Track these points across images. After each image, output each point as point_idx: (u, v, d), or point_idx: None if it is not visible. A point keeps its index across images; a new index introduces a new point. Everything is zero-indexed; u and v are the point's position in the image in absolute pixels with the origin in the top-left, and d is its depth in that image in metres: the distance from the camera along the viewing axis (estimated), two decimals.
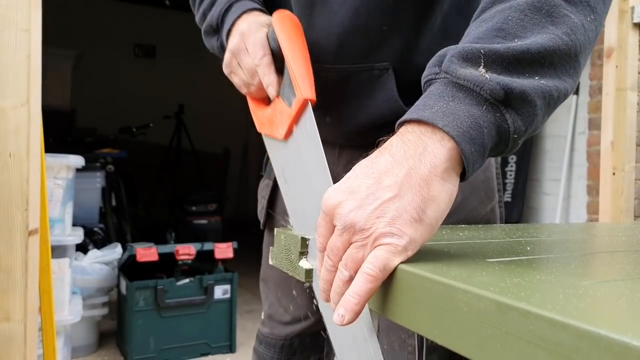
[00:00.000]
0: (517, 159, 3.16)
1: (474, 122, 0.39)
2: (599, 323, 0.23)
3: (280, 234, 0.54)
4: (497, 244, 0.50)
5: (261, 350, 0.91)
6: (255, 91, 0.68)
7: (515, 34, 0.42)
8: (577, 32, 0.43)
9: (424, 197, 0.38)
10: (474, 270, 0.35)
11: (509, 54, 0.40)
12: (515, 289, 0.30)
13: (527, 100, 0.40)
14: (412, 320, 0.35)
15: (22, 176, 1.22)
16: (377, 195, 0.38)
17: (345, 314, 0.38)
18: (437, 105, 0.40)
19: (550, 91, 0.41)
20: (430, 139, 0.39)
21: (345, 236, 0.39)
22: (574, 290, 0.30)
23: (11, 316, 1.22)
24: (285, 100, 0.63)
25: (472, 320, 0.30)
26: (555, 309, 0.26)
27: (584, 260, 0.42)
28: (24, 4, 1.18)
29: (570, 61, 0.43)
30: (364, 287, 0.37)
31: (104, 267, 2.18)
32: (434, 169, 0.38)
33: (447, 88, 0.41)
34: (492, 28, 0.43)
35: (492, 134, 0.40)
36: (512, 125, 0.40)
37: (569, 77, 0.43)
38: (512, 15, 0.43)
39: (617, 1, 1.92)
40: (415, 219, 0.38)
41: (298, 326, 0.88)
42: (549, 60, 0.41)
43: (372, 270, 0.37)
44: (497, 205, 0.77)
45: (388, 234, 0.37)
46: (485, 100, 0.39)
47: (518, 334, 0.27)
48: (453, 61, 0.41)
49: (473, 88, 0.40)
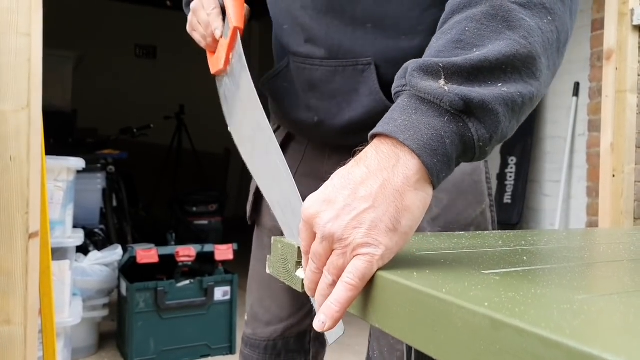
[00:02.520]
0: (517, 160, 3.16)
1: (435, 133, 0.40)
2: (592, 342, 0.24)
3: (278, 243, 0.54)
4: (494, 253, 0.50)
5: (247, 352, 0.91)
6: (211, 42, 0.82)
7: (473, 43, 0.43)
8: (534, 34, 0.44)
9: (398, 207, 0.40)
10: (470, 283, 0.35)
11: (468, 64, 0.42)
12: (510, 304, 0.30)
13: (487, 109, 0.41)
14: (408, 334, 0.35)
15: (23, 179, 1.22)
16: (354, 206, 0.40)
17: (327, 321, 0.40)
18: (400, 118, 0.42)
19: (513, 97, 0.42)
20: (402, 151, 0.41)
21: (326, 244, 0.41)
22: (568, 305, 0.30)
23: (11, 319, 1.22)
24: (225, 37, 0.79)
25: (467, 336, 0.30)
26: (549, 326, 0.26)
27: (580, 272, 0.42)
28: (25, 8, 1.19)
29: (533, 63, 0.44)
30: (344, 296, 0.39)
31: (104, 268, 2.18)
32: (406, 181, 0.40)
33: (411, 101, 0.42)
34: (451, 40, 0.44)
35: (456, 143, 0.41)
36: (476, 133, 0.41)
37: (535, 80, 0.44)
38: (469, 25, 0.44)
39: (617, 4, 1.92)
40: (390, 228, 0.39)
41: (280, 326, 0.88)
42: (511, 65, 0.42)
43: (351, 280, 0.39)
44: (487, 209, 0.78)
45: (365, 244, 0.39)
46: (447, 112, 0.41)
47: (512, 352, 0.27)
48: (414, 75, 0.43)
49: (433, 100, 0.41)
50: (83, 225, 2.40)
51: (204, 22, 0.81)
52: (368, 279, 0.40)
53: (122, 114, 4.73)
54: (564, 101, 2.98)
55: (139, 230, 3.46)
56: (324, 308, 0.40)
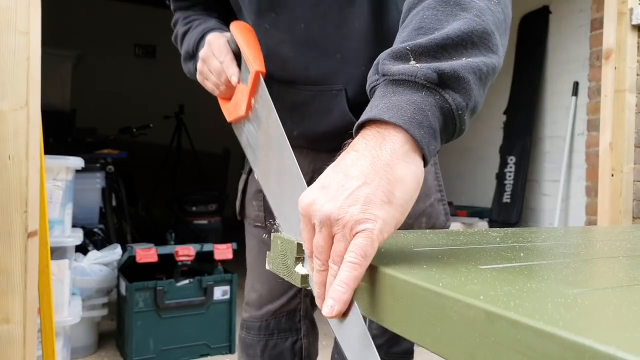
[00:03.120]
0: (516, 160, 3.17)
1: (417, 107, 0.43)
2: (584, 333, 0.24)
3: (277, 239, 0.54)
4: (491, 249, 0.50)
5: (243, 335, 0.97)
6: (224, 90, 0.81)
7: (434, 27, 0.47)
8: (485, 13, 0.49)
9: (390, 179, 0.41)
10: (466, 278, 0.36)
11: (433, 43, 0.46)
12: (505, 297, 0.30)
13: (459, 77, 0.44)
14: (404, 328, 0.35)
15: (21, 178, 1.22)
16: (347, 186, 0.41)
17: (335, 304, 0.40)
18: (381, 103, 0.44)
19: (479, 66, 0.46)
20: (387, 130, 0.43)
21: (325, 231, 0.41)
22: (563, 299, 0.31)
23: (10, 318, 1.22)
24: (244, 82, 0.77)
25: (463, 329, 0.30)
26: (543, 318, 0.26)
27: (575, 268, 0.42)
28: (23, 6, 1.19)
29: (489, 38, 0.48)
30: (350, 275, 0.39)
31: (103, 268, 2.18)
32: (394, 153, 0.42)
33: (388, 87, 0.46)
34: (412, 29, 0.49)
35: (437, 114, 0.44)
36: (453, 102, 0.45)
37: (492, 53, 0.48)
38: (426, 14, 0.49)
39: (616, 3, 1.92)
40: (385, 201, 0.40)
41: (271, 307, 0.94)
42: (470, 41, 0.47)
43: (354, 258, 0.39)
44: (437, 202, 0.90)
45: (362, 220, 0.39)
46: (423, 87, 0.44)
47: (506, 344, 0.27)
48: (386, 63, 0.47)
49: (408, 79, 0.44)
50: (82, 224, 2.40)
51: (217, 70, 0.80)
52: (371, 255, 0.39)
53: (121, 113, 4.73)
54: (563, 101, 2.98)
55: (138, 229, 3.46)
56: (331, 292, 0.40)
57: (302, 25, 0.78)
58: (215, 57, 0.79)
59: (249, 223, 0.98)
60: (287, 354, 0.95)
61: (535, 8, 3.17)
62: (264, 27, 0.81)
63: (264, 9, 0.80)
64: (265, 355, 0.94)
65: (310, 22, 0.78)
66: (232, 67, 0.78)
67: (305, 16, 0.78)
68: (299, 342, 0.96)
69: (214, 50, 0.80)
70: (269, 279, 0.93)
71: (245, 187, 0.97)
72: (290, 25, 0.79)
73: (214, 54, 0.80)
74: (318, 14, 0.77)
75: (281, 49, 0.81)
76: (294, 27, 0.79)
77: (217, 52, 0.79)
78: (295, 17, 0.78)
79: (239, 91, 0.79)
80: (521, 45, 3.28)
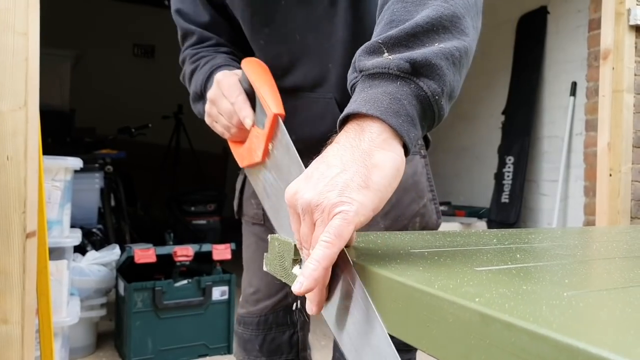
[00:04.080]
0: (515, 160, 3.17)
1: (392, 97, 0.45)
2: (578, 335, 0.24)
3: (274, 241, 0.54)
4: (488, 251, 0.50)
5: (240, 330, 0.98)
6: (236, 132, 0.76)
7: (404, 19, 0.49)
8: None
9: (367, 165, 0.42)
10: (462, 279, 0.36)
11: (403, 33, 0.47)
12: (500, 300, 0.30)
13: (432, 64, 0.46)
14: (401, 330, 0.36)
15: (20, 179, 1.22)
16: (326, 174, 0.42)
17: (304, 281, 0.40)
18: (359, 98, 0.46)
19: (451, 52, 0.47)
20: (365, 122, 0.45)
21: (308, 218, 0.42)
22: (557, 301, 0.31)
23: (9, 318, 1.22)
24: (260, 126, 0.70)
25: (458, 331, 0.30)
26: (537, 321, 0.26)
27: (571, 269, 0.42)
28: (22, 7, 1.19)
29: (459, 22, 0.49)
30: (321, 253, 0.40)
31: (102, 268, 2.18)
32: (372, 142, 0.43)
33: (365, 82, 0.47)
34: (384, 24, 0.50)
35: (413, 103, 0.45)
36: (428, 89, 0.46)
37: (465, 35, 0.50)
38: (396, 7, 0.51)
39: (614, 4, 1.93)
40: (362, 185, 0.41)
41: (270, 302, 0.95)
42: (441, 26, 0.48)
43: (328, 237, 0.40)
44: (429, 202, 0.89)
45: (339, 202, 0.41)
46: (397, 77, 0.45)
47: (501, 346, 0.27)
48: (361, 59, 0.48)
49: (382, 71, 0.46)
50: (81, 225, 2.40)
51: (227, 112, 0.74)
52: (347, 236, 0.40)
53: (120, 113, 4.73)
54: (561, 101, 2.99)
55: (137, 229, 3.45)
56: (303, 269, 0.41)
57: (298, 37, 0.80)
58: (225, 98, 0.74)
59: (247, 221, 0.98)
60: (284, 347, 0.96)
61: (533, 8, 3.18)
62: (260, 43, 0.82)
63: (258, 25, 0.81)
64: (263, 349, 0.95)
65: (305, 32, 0.79)
66: (246, 109, 0.72)
67: (300, 28, 0.79)
68: (295, 335, 0.98)
69: (223, 90, 0.74)
70: (266, 275, 0.94)
71: (243, 187, 0.98)
72: (285, 37, 0.80)
73: (224, 94, 0.74)
74: (311, 25, 0.79)
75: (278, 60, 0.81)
76: (289, 38, 0.80)
77: (227, 92, 0.73)
78: (290, 29, 0.79)
79: (254, 135, 0.71)
80: (519, 46, 3.28)
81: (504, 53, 3.33)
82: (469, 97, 3.40)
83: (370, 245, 0.52)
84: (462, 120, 3.56)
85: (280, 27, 0.80)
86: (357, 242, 0.51)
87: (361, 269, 0.41)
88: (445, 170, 3.75)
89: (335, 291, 0.43)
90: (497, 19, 3.32)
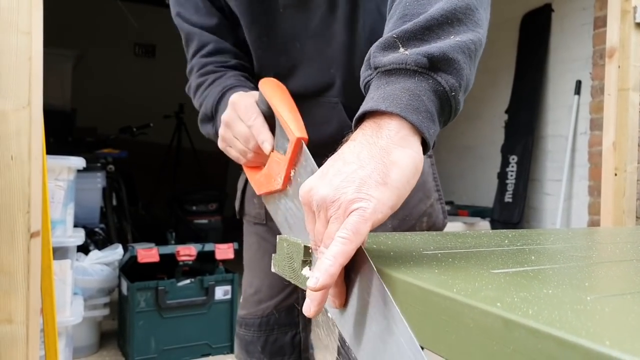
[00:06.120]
0: (518, 159, 3.16)
1: (412, 94, 0.44)
2: (610, 344, 0.23)
3: (283, 242, 0.53)
4: (501, 252, 0.49)
5: (242, 332, 0.96)
6: (252, 157, 0.71)
7: (417, 13, 0.48)
8: None
9: (385, 162, 0.41)
10: (480, 283, 0.35)
11: (418, 27, 0.46)
12: (523, 304, 0.30)
13: (449, 58, 0.45)
14: (418, 334, 0.35)
15: (24, 178, 1.21)
16: (343, 171, 0.41)
17: (320, 276, 0.38)
18: (376, 95, 0.45)
19: (467, 45, 0.47)
20: (382, 120, 0.44)
21: (323, 215, 0.41)
22: (581, 305, 0.30)
23: (13, 318, 1.22)
24: (280, 151, 0.66)
25: (479, 337, 0.29)
26: (565, 327, 0.26)
27: (589, 272, 0.41)
28: (25, 7, 1.18)
29: (473, 13, 0.49)
30: (338, 249, 0.39)
31: (105, 267, 2.18)
32: (390, 139, 0.42)
33: (381, 78, 0.46)
34: (397, 18, 0.49)
35: (432, 98, 0.45)
36: (446, 84, 0.45)
37: (479, 27, 0.49)
38: (408, 1, 0.50)
39: (620, 1, 1.91)
40: (380, 182, 0.40)
41: (271, 302, 0.94)
42: (456, 18, 0.47)
43: (345, 233, 0.39)
44: (435, 202, 0.89)
45: (356, 199, 0.40)
46: (415, 72, 0.45)
47: (526, 352, 0.26)
48: (376, 56, 0.47)
49: (400, 67, 0.45)
50: (83, 224, 2.40)
51: (244, 136, 0.69)
52: (364, 233, 0.39)
53: (121, 113, 4.73)
54: (566, 99, 2.97)
55: (139, 229, 3.45)
56: (318, 264, 0.39)
57: (298, 45, 0.79)
58: (241, 121, 0.69)
59: (249, 221, 0.97)
60: (287, 348, 0.96)
61: (537, 6, 3.16)
62: (259, 51, 0.82)
63: (257, 33, 0.80)
64: (265, 350, 0.94)
65: (304, 40, 0.79)
66: (264, 132, 0.67)
67: (299, 36, 0.78)
68: (297, 336, 0.97)
69: (240, 112, 0.69)
70: (267, 275, 0.93)
71: (245, 186, 0.97)
72: (285, 45, 0.80)
73: (241, 117, 0.69)
74: (310, 33, 0.78)
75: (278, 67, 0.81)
76: (289, 46, 0.79)
77: (244, 115, 0.69)
78: (289, 37, 0.79)
79: (274, 161, 0.66)
80: (523, 44, 3.27)
81: (507, 51, 3.32)
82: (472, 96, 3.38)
83: (381, 246, 0.51)
84: (465, 119, 3.55)
85: (279, 36, 0.79)
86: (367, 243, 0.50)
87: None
88: (448, 169, 3.74)
89: (352, 295, 0.42)
90: (501, 16, 3.31)
